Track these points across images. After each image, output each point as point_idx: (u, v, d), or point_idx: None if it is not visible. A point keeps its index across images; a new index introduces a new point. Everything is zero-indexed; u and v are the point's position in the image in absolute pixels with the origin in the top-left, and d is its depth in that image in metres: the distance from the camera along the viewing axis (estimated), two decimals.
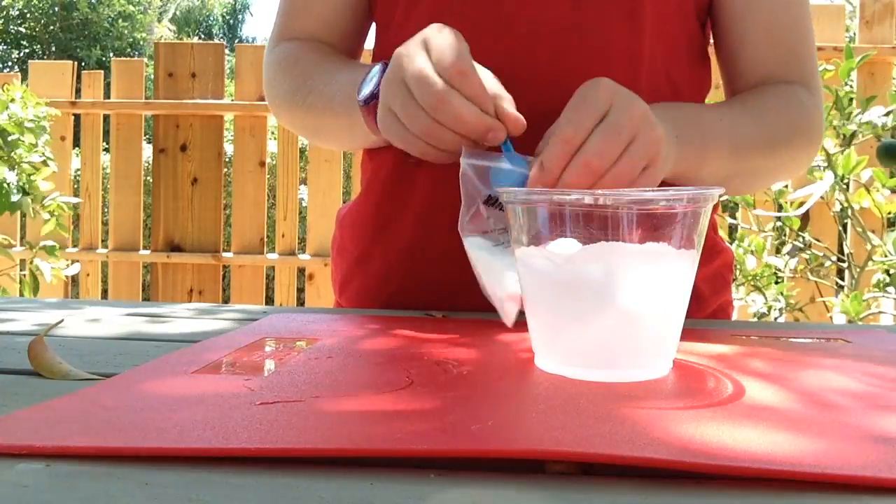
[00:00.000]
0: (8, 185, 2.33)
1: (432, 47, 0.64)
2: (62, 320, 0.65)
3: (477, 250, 0.62)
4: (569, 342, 0.49)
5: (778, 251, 2.25)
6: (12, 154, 2.38)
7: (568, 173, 0.59)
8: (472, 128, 0.62)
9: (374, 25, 0.92)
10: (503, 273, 0.60)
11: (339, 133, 0.83)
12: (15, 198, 2.37)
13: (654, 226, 0.47)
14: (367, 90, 0.71)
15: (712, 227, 0.89)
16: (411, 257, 0.82)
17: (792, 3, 0.87)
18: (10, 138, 2.37)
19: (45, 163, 2.49)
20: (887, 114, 1.94)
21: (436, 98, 0.62)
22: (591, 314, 0.48)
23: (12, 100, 2.42)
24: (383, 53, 0.85)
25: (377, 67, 0.71)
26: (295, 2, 0.92)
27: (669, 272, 0.48)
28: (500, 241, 0.62)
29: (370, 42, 0.94)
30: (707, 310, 0.85)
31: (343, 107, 0.77)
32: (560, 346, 0.49)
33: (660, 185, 0.74)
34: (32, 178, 2.45)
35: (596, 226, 0.47)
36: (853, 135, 2.02)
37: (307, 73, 0.84)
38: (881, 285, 2.05)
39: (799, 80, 0.86)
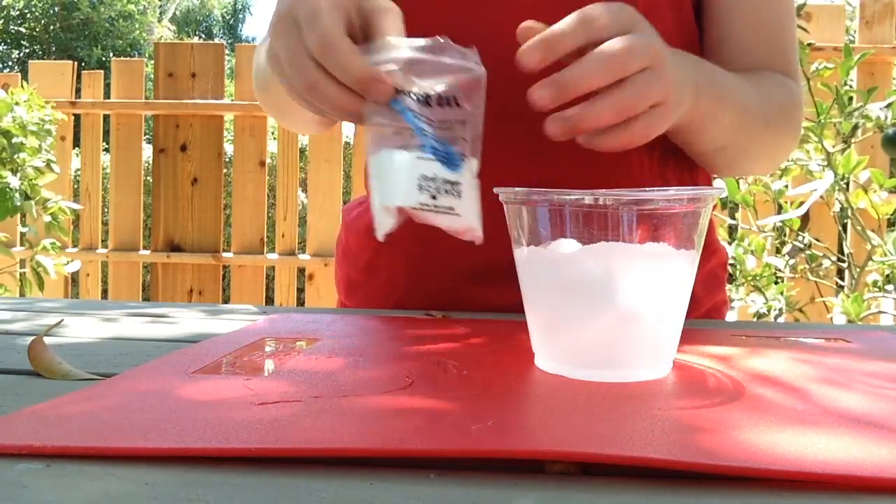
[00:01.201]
0: (11, 189, 2.33)
1: None
2: (62, 320, 0.65)
3: (377, 157, 0.56)
4: (569, 342, 0.49)
5: (778, 251, 2.25)
6: (15, 157, 2.38)
7: (536, 87, 0.57)
8: (356, 75, 0.56)
9: None
10: (390, 178, 0.55)
11: (296, 112, 0.80)
12: (19, 202, 2.37)
13: (654, 226, 0.47)
14: None
15: (709, 226, 0.90)
16: (416, 262, 0.82)
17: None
18: (14, 141, 2.37)
19: (48, 166, 2.50)
20: (887, 106, 1.95)
21: (322, 41, 0.56)
22: (591, 314, 0.48)
23: (17, 103, 2.43)
24: None
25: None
26: None
27: (669, 272, 0.48)
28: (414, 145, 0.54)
29: None
30: (701, 309, 0.85)
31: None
32: (560, 346, 0.49)
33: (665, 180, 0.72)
34: (35, 182, 2.45)
35: (596, 226, 0.47)
36: (854, 129, 2.02)
37: None
38: (880, 285, 2.05)
39: (783, 71, 0.87)
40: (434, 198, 0.54)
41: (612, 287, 0.47)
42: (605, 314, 0.48)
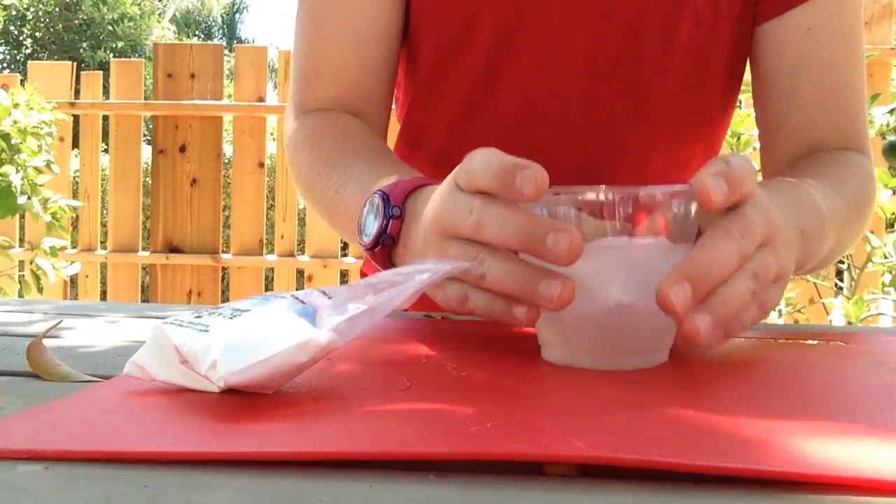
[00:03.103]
0: (14, 187, 2.34)
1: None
2: (61, 321, 0.65)
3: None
4: (573, 332, 0.50)
5: None
6: (15, 157, 2.39)
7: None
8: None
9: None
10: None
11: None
12: (21, 200, 2.38)
13: (651, 221, 0.49)
14: (371, 231, 0.61)
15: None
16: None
17: (845, 61, 0.79)
18: (12, 142, 2.38)
19: (48, 166, 2.50)
20: (890, 111, 1.95)
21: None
22: (595, 305, 0.49)
23: (16, 105, 2.43)
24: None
25: (376, 201, 0.61)
26: (318, 65, 0.83)
27: (666, 265, 0.50)
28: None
29: None
30: None
31: (350, 228, 0.68)
32: (565, 337, 0.51)
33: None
34: (35, 181, 2.46)
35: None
36: None
37: (326, 165, 0.76)
38: (883, 287, 2.05)
39: (856, 145, 0.79)
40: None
41: (612, 279, 0.49)
42: (603, 307, 0.49)
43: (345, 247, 3.45)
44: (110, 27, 16.58)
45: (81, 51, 15.97)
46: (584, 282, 0.49)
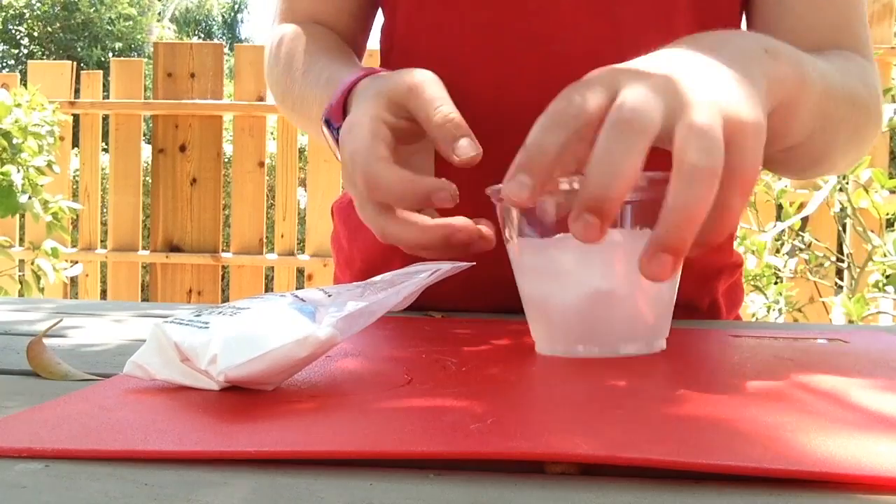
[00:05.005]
0: (15, 187, 2.34)
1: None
2: (61, 320, 0.65)
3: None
4: (561, 322, 0.51)
5: (778, 251, 2.25)
6: (17, 157, 2.39)
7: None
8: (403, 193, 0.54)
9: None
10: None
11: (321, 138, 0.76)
12: (22, 199, 2.38)
13: (631, 212, 0.49)
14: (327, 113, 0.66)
15: (730, 238, 0.90)
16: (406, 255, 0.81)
17: None
18: (14, 141, 2.38)
19: (49, 166, 2.50)
20: None
21: (367, 184, 0.56)
22: (569, 295, 0.50)
23: (17, 105, 2.43)
24: (391, 37, 0.83)
25: (346, 84, 0.65)
26: None
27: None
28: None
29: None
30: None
31: (314, 119, 0.71)
32: (554, 328, 0.52)
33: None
34: (36, 181, 2.46)
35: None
36: None
37: (290, 65, 0.79)
38: (880, 286, 2.05)
39: (851, 48, 0.74)
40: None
41: (589, 267, 0.49)
42: (584, 293, 0.50)
43: None
44: (108, 26, 16.57)
45: (79, 50, 15.97)
46: (561, 270, 0.50)
